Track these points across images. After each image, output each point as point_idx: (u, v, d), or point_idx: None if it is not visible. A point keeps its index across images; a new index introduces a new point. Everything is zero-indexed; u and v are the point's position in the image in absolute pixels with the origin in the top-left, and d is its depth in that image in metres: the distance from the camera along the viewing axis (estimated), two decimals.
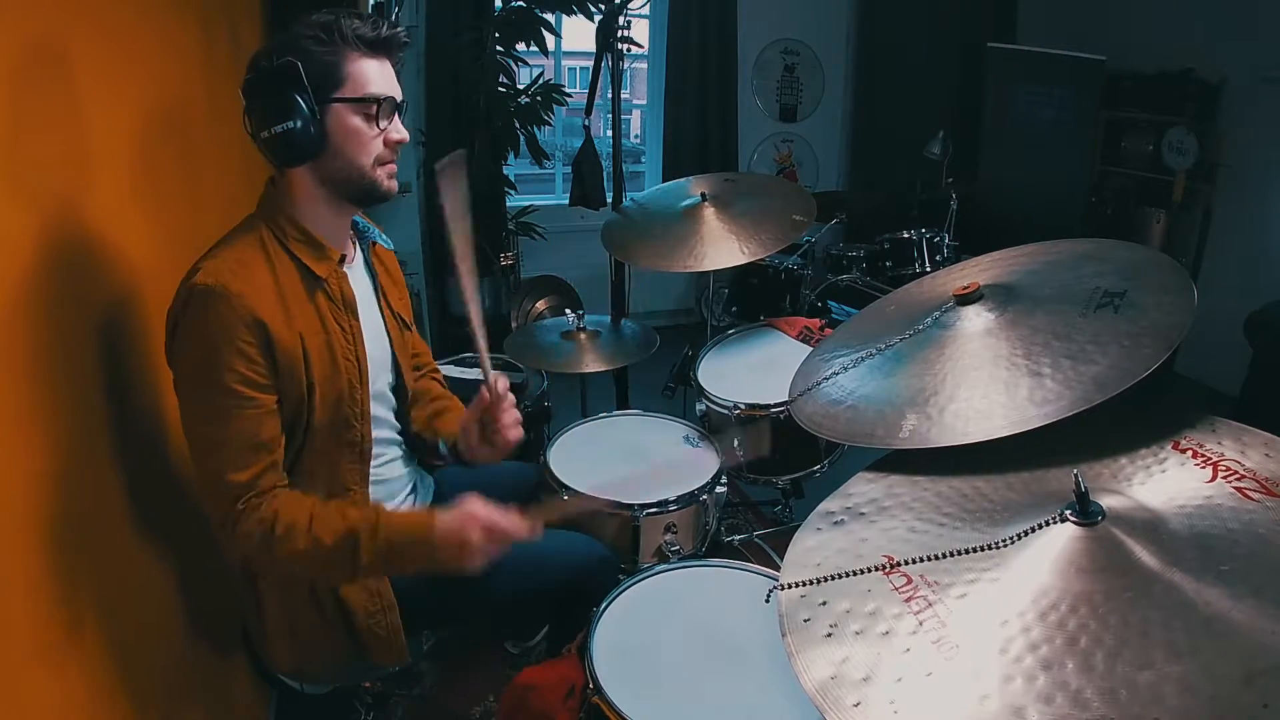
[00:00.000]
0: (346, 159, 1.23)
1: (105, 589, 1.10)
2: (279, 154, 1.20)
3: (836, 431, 1.18)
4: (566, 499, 1.54)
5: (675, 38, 4.44)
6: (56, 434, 1.02)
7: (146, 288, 1.36)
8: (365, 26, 1.21)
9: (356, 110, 1.21)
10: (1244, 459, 0.90)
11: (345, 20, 1.19)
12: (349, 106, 1.20)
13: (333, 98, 1.19)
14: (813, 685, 0.81)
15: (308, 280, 1.25)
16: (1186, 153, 3.83)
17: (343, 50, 1.20)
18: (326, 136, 1.20)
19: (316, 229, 1.27)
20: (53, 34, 1.10)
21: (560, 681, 1.30)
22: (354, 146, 1.22)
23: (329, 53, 1.19)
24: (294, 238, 1.25)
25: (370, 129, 1.23)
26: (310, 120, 1.17)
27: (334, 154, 1.22)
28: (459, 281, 1.34)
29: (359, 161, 1.23)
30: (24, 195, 0.99)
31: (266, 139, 1.18)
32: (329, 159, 1.22)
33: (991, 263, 1.37)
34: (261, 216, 1.26)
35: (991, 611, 0.81)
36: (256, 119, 1.18)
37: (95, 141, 1.20)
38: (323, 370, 1.23)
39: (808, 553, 0.99)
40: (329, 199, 1.27)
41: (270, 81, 1.17)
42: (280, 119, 1.16)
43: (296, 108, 1.16)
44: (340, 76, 1.20)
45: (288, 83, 1.16)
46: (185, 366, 1.17)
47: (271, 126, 1.17)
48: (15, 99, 0.98)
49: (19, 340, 0.96)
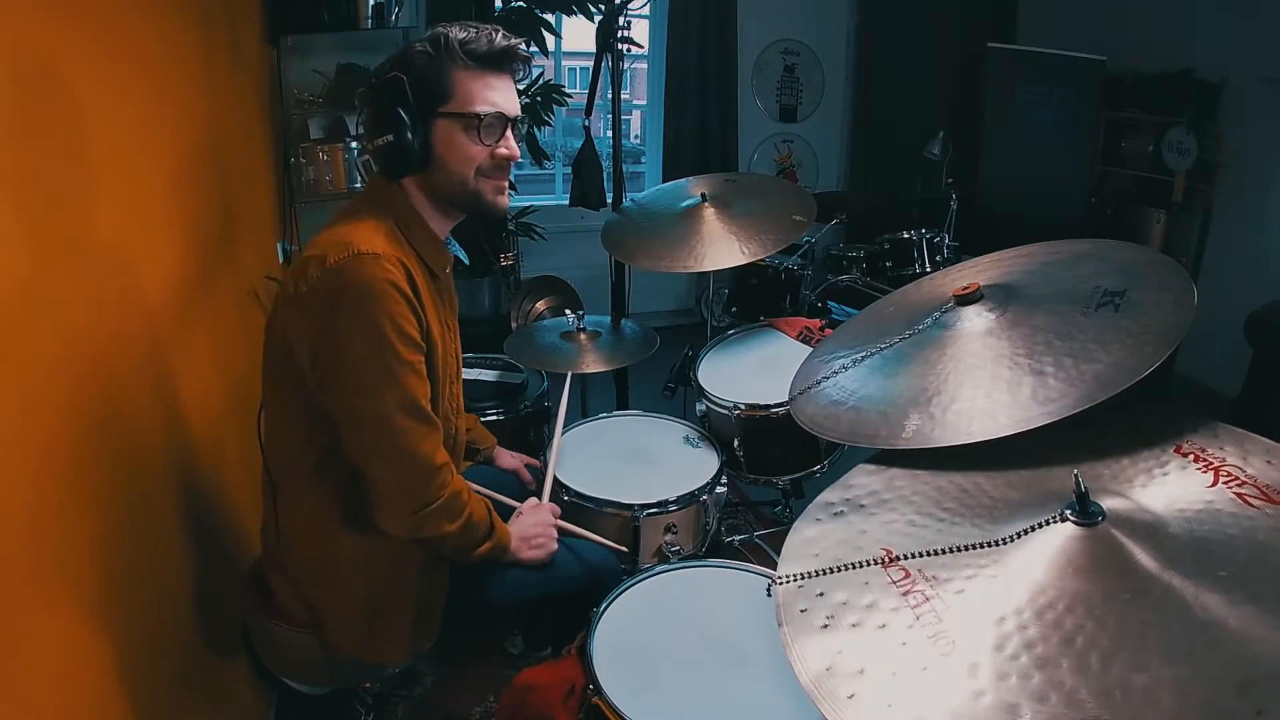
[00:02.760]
0: (449, 172, 1.27)
1: (106, 589, 1.10)
2: (383, 164, 1.25)
3: (839, 432, 1.18)
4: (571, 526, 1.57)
5: (675, 38, 4.44)
6: (57, 435, 1.02)
7: (146, 284, 1.36)
8: (478, 41, 1.23)
9: (461, 125, 1.24)
10: (1245, 465, 0.90)
11: (455, 34, 1.22)
12: (453, 121, 1.24)
13: (437, 112, 1.23)
14: (808, 677, 0.81)
15: (427, 275, 1.30)
16: (1186, 153, 3.83)
17: (449, 64, 1.23)
18: (431, 149, 1.25)
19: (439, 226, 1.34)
20: (53, 33, 1.10)
21: (560, 682, 1.30)
22: (457, 160, 1.26)
23: (435, 67, 1.22)
24: (418, 234, 1.30)
25: (475, 143, 1.25)
26: (411, 134, 1.21)
27: (437, 166, 1.27)
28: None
29: (462, 174, 1.27)
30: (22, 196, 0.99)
31: (373, 150, 1.23)
32: (434, 171, 1.27)
33: (991, 263, 1.37)
34: (381, 209, 1.28)
35: (988, 608, 0.81)
36: (366, 131, 1.26)
37: (93, 142, 1.21)
38: (439, 360, 1.29)
39: (807, 543, 0.99)
40: (438, 208, 1.32)
41: (378, 95, 1.22)
42: (382, 131, 1.22)
43: (399, 121, 1.20)
44: (445, 91, 1.23)
45: (393, 97, 1.21)
46: (361, 331, 1.16)
47: (374, 138, 1.23)
48: (13, 98, 0.98)
49: (22, 337, 0.96)
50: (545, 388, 2.25)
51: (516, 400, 2.17)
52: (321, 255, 1.18)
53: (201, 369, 1.64)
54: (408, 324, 1.19)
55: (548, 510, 1.51)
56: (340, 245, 1.18)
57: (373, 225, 1.23)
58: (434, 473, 1.24)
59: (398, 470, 1.22)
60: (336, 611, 1.31)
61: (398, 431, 1.20)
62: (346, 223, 1.25)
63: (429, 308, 1.26)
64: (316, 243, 1.23)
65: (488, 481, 1.61)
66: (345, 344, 1.17)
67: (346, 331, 1.17)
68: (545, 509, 1.51)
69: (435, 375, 1.29)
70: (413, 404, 1.21)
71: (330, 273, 1.16)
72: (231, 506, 1.70)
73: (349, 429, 1.22)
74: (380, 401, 1.19)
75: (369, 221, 1.24)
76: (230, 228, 1.97)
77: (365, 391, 1.18)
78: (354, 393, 1.19)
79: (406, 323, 1.19)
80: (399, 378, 1.19)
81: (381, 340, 1.17)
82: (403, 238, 1.27)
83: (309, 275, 1.18)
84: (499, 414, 2.12)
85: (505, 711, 1.35)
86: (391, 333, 1.17)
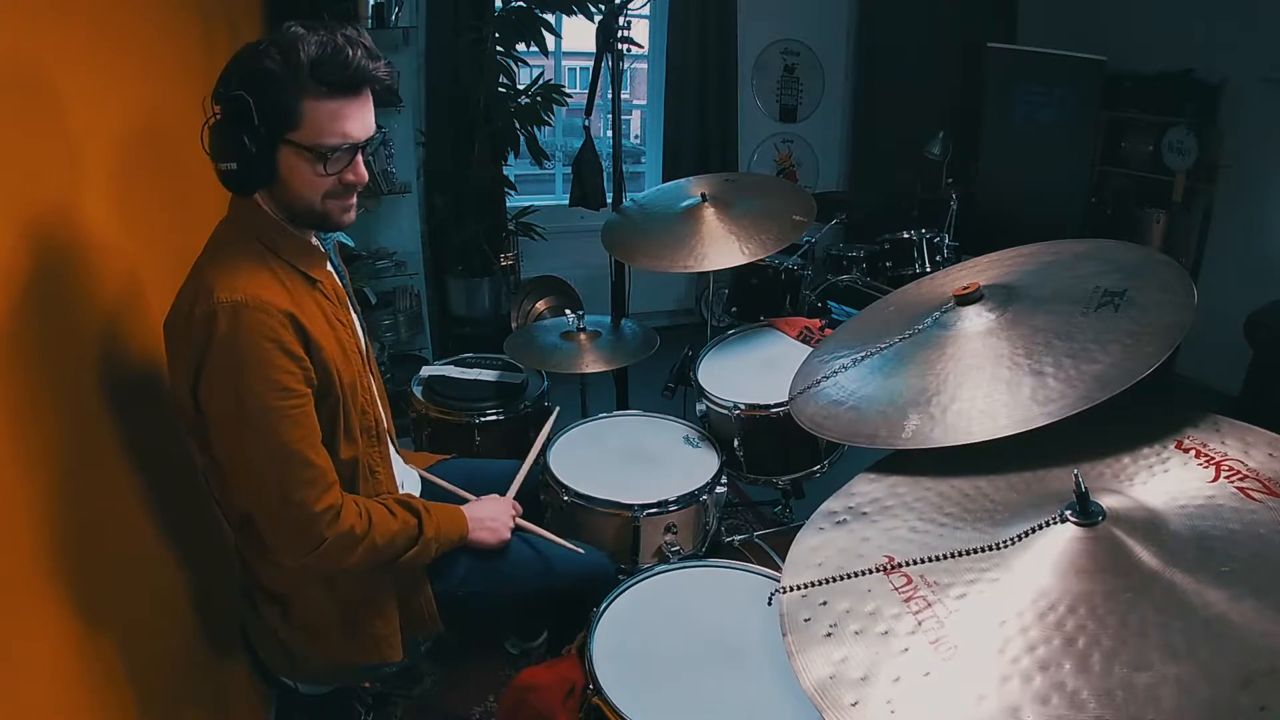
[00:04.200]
0: (294, 194, 1.18)
1: (106, 590, 1.10)
2: (228, 186, 1.17)
3: (839, 432, 1.18)
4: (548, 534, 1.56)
5: (675, 38, 4.44)
6: (59, 437, 1.02)
7: (144, 289, 1.36)
8: (333, 63, 1.10)
9: (308, 156, 1.14)
10: (1247, 459, 0.90)
11: (309, 50, 1.08)
12: (299, 151, 1.13)
13: (283, 138, 1.12)
14: (811, 684, 0.81)
15: (306, 282, 1.25)
16: (1186, 153, 3.83)
17: (298, 89, 1.10)
18: (275, 173, 1.15)
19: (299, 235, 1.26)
20: (51, 32, 1.10)
21: (560, 682, 1.30)
22: (301, 185, 1.17)
23: (283, 91, 1.09)
24: (283, 245, 1.23)
25: (320, 174, 1.16)
26: (255, 160, 1.12)
27: (283, 187, 1.18)
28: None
29: (307, 198, 1.19)
30: (13, 200, 0.99)
31: (218, 172, 1.15)
32: (279, 190, 1.18)
33: (991, 263, 1.37)
34: (243, 228, 1.21)
35: (990, 612, 0.81)
36: (210, 146, 1.13)
37: (91, 142, 1.20)
38: (336, 376, 1.24)
39: (810, 552, 0.99)
40: (290, 220, 1.24)
41: (223, 113, 1.11)
42: (226, 157, 1.12)
43: (242, 149, 1.10)
44: (293, 119, 1.12)
45: (237, 119, 1.10)
46: (229, 387, 1.12)
47: (219, 161, 1.13)
48: (8, 96, 0.98)
49: (21, 343, 0.96)
50: (545, 388, 2.25)
51: (516, 400, 2.17)
52: (188, 304, 1.12)
53: None
54: (284, 375, 1.13)
55: (508, 504, 1.52)
56: (202, 292, 1.11)
57: (235, 254, 1.17)
58: (313, 520, 1.17)
59: (275, 520, 1.19)
60: (315, 624, 1.33)
61: (271, 483, 1.15)
62: (210, 256, 1.18)
63: (315, 325, 1.19)
64: (185, 285, 1.17)
65: (470, 476, 1.63)
66: (212, 397, 1.13)
67: (216, 386, 1.12)
68: (505, 502, 1.52)
69: (337, 392, 1.23)
70: (287, 454, 1.14)
71: (197, 325, 1.10)
72: None
73: (227, 473, 1.19)
74: (251, 454, 1.14)
75: (231, 251, 1.17)
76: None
77: (235, 444, 1.15)
78: (223, 442, 1.16)
79: (282, 374, 1.13)
80: (271, 430, 1.13)
81: (248, 395, 1.11)
82: (270, 253, 1.20)
83: (177, 326, 1.14)
84: (499, 414, 2.12)
85: (505, 711, 1.35)
86: (260, 389, 1.11)
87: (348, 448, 1.28)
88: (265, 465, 1.15)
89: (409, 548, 1.31)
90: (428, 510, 1.35)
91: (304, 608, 1.32)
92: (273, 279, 1.18)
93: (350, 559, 1.23)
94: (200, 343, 1.11)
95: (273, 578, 1.32)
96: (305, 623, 1.33)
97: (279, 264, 1.22)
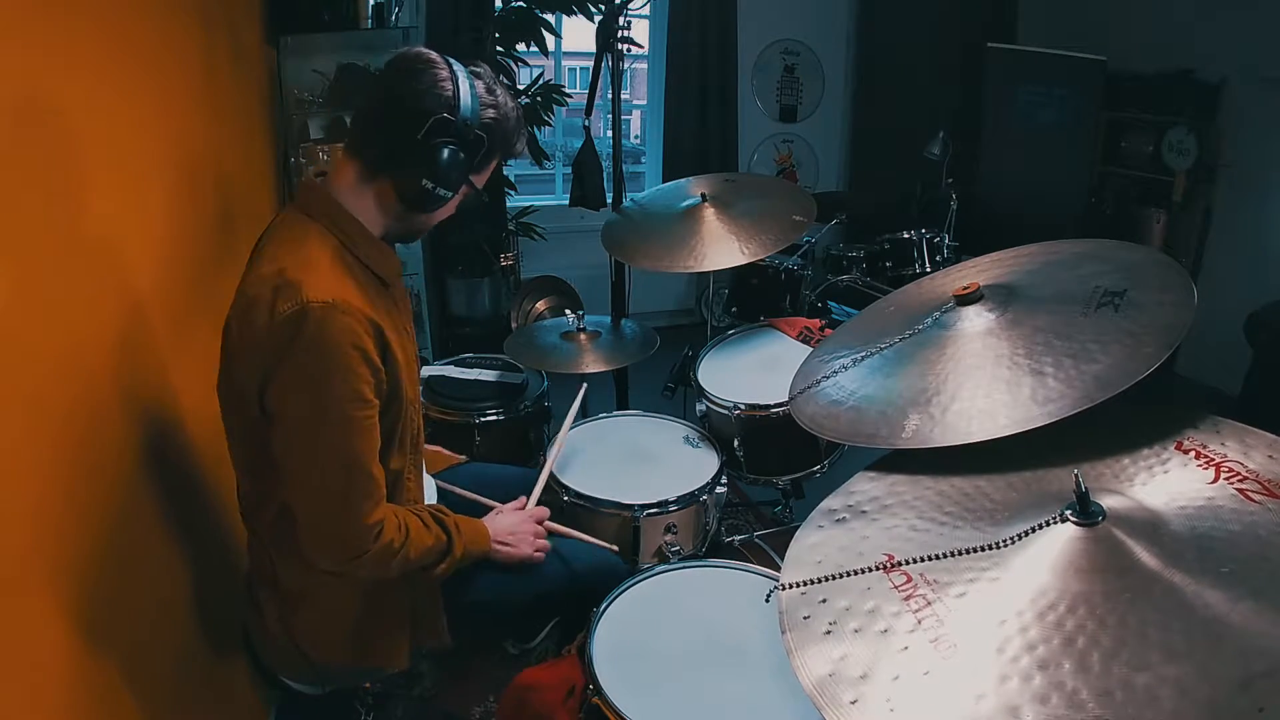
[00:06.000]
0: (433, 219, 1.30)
1: (107, 590, 1.10)
2: (416, 203, 1.22)
3: (839, 432, 1.18)
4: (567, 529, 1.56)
5: (675, 38, 4.44)
6: (61, 435, 1.02)
7: (145, 289, 1.36)
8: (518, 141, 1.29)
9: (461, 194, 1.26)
10: (1247, 460, 0.90)
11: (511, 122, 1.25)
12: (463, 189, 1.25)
13: (469, 179, 1.25)
14: (810, 682, 0.81)
15: (379, 285, 1.24)
16: (1186, 153, 3.83)
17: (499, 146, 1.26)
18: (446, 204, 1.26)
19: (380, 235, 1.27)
20: (51, 32, 1.10)
21: (560, 682, 1.30)
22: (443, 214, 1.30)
23: (495, 143, 1.24)
24: (363, 245, 1.22)
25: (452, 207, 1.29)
26: (453, 191, 1.22)
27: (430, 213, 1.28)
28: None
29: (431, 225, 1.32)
30: (19, 198, 0.99)
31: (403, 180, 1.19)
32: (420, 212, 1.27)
33: (991, 263, 1.37)
34: (319, 218, 1.20)
35: (990, 611, 0.81)
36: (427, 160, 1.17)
37: (93, 142, 1.20)
38: (404, 385, 1.24)
39: (810, 550, 0.99)
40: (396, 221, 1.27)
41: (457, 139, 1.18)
42: (442, 180, 1.19)
43: (454, 178, 1.20)
44: (482, 166, 1.27)
45: (470, 150, 1.20)
46: (308, 390, 1.10)
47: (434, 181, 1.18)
48: (9, 97, 0.98)
49: (22, 341, 0.96)
50: (545, 388, 2.25)
51: (516, 400, 2.17)
52: (268, 299, 1.09)
53: (201, 371, 1.63)
54: (364, 384, 1.12)
55: (529, 514, 1.48)
56: (287, 288, 1.09)
57: (315, 249, 1.15)
58: (364, 532, 1.16)
59: (326, 525, 1.17)
60: (323, 633, 1.31)
61: (334, 491, 1.14)
62: (287, 249, 1.15)
63: (388, 331, 1.18)
64: (258, 277, 1.13)
65: (480, 481, 1.61)
66: (288, 398, 1.11)
67: (292, 387, 1.10)
68: (526, 515, 1.48)
69: (403, 404, 1.24)
70: (353, 461, 1.14)
71: (280, 324, 1.08)
72: (231, 508, 1.69)
73: (286, 473, 1.17)
74: (322, 460, 1.13)
75: (311, 245, 1.15)
76: (230, 228, 1.97)
77: (304, 446, 1.13)
78: (291, 445, 1.14)
79: (363, 383, 1.12)
80: (343, 437, 1.12)
81: (330, 402, 1.10)
82: (348, 253, 1.19)
83: (254, 321, 1.10)
84: (499, 414, 2.12)
85: (505, 711, 1.35)
86: (342, 395, 1.10)
87: (398, 458, 1.27)
88: (333, 473, 1.13)
89: (438, 563, 1.29)
90: (458, 528, 1.32)
91: (315, 610, 1.30)
92: (353, 281, 1.17)
93: (385, 571, 1.23)
94: (282, 341, 1.08)
95: (294, 575, 1.29)
96: (312, 626, 1.31)
97: (357, 265, 1.21)
